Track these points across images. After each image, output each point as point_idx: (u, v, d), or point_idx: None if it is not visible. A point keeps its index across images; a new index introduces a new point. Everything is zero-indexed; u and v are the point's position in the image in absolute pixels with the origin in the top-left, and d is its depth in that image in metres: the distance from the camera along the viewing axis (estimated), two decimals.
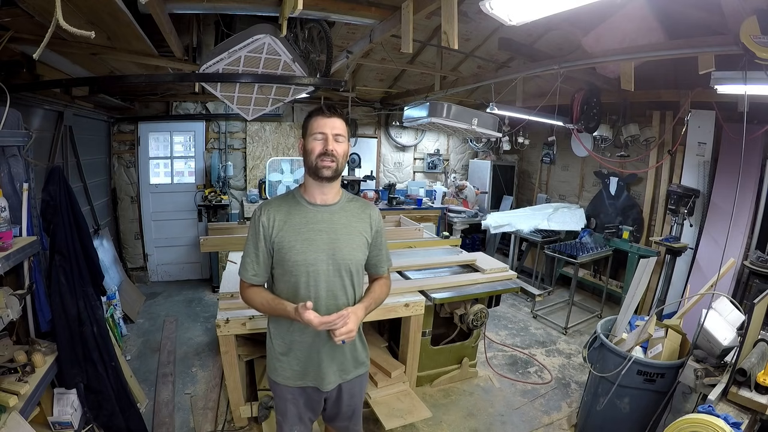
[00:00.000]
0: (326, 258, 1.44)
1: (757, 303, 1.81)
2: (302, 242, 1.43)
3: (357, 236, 1.51)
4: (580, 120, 3.76)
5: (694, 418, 1.53)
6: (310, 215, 1.47)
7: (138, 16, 1.97)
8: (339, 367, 1.55)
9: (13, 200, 1.88)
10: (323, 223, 1.47)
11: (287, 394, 1.57)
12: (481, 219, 5.43)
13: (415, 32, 2.29)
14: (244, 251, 1.52)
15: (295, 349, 1.51)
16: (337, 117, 1.44)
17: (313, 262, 1.43)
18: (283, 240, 1.44)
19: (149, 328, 3.85)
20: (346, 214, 1.51)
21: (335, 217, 1.49)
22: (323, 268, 1.44)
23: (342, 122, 1.45)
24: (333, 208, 1.50)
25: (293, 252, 1.43)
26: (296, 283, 1.45)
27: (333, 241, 1.46)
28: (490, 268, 3.12)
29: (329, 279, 1.46)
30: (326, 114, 1.43)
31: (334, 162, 1.42)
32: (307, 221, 1.46)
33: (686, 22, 2.54)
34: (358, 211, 1.55)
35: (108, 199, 4.65)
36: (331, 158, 1.41)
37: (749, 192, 3.55)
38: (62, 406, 2.08)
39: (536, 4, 1.56)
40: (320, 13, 2.24)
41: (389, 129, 6.09)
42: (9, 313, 1.74)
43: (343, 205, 1.53)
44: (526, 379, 3.28)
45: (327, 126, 1.42)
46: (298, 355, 1.52)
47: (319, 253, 1.44)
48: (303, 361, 1.52)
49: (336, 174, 1.45)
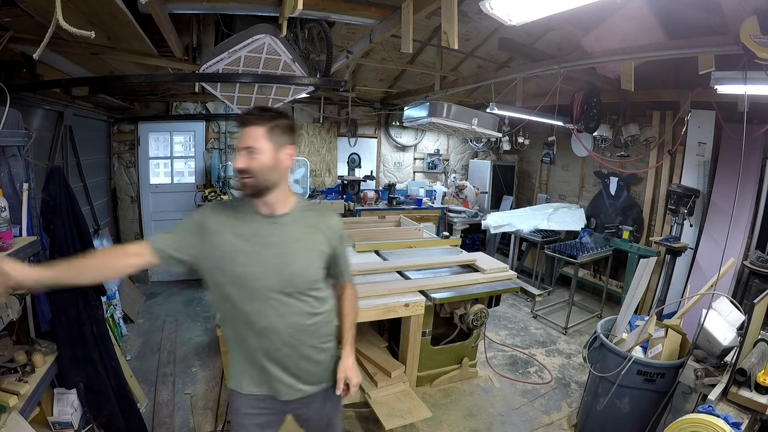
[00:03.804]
0: (273, 274, 1.30)
1: (757, 303, 1.81)
2: (246, 255, 1.29)
3: (311, 250, 1.36)
4: (580, 120, 3.76)
5: (694, 418, 1.53)
6: (257, 226, 1.32)
7: (138, 16, 1.97)
8: (296, 377, 1.41)
9: (13, 200, 1.88)
10: (271, 236, 1.32)
11: (240, 404, 1.45)
12: (481, 219, 5.43)
13: (415, 32, 2.29)
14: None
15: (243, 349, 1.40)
16: (252, 126, 1.25)
17: (257, 277, 1.29)
18: (225, 248, 1.29)
19: (149, 328, 3.85)
20: (299, 226, 1.36)
21: (286, 230, 1.34)
22: (268, 284, 1.29)
23: (259, 128, 1.24)
24: (283, 219, 1.35)
25: (235, 263, 1.29)
26: (238, 298, 1.30)
27: (282, 256, 1.31)
28: (490, 268, 3.12)
29: (276, 296, 1.31)
30: (239, 124, 1.28)
31: (250, 178, 1.25)
32: (254, 233, 1.31)
33: (686, 22, 2.54)
34: (314, 221, 1.40)
35: (108, 199, 4.65)
36: (246, 175, 1.25)
37: (749, 192, 3.55)
38: (62, 406, 2.08)
39: (536, 4, 1.56)
40: (320, 13, 2.24)
41: (389, 129, 6.09)
42: (9, 313, 1.74)
43: (296, 216, 1.37)
44: (526, 379, 3.28)
45: (241, 139, 1.26)
46: (247, 356, 1.40)
47: (264, 268, 1.29)
48: (254, 365, 1.40)
49: (256, 190, 1.28)
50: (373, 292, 2.64)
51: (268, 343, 1.34)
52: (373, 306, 2.54)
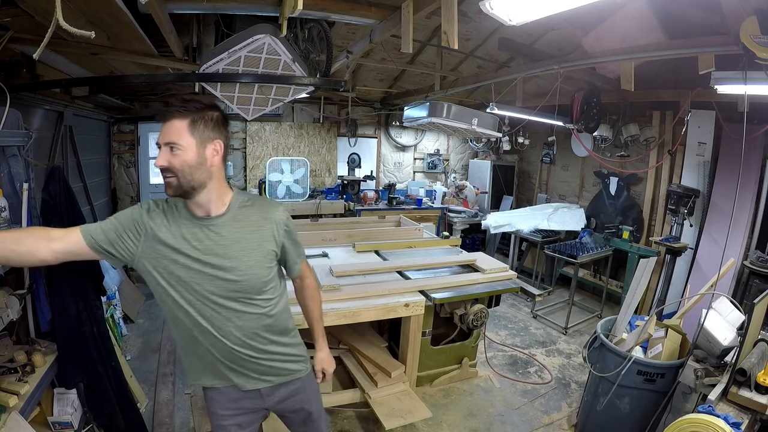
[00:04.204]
0: (215, 280, 1.23)
1: (757, 303, 1.81)
2: (186, 258, 1.21)
3: (254, 251, 1.28)
4: (580, 120, 3.76)
5: (694, 418, 1.53)
6: (194, 230, 1.24)
7: (138, 16, 1.97)
8: (257, 373, 1.38)
9: (13, 200, 1.88)
10: (208, 240, 1.23)
11: (212, 403, 1.42)
12: (481, 219, 5.43)
13: (415, 32, 2.29)
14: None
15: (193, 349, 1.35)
16: (175, 119, 1.16)
17: (199, 282, 1.22)
18: (164, 250, 1.21)
19: (149, 328, 3.85)
20: (238, 226, 1.27)
21: (224, 232, 1.25)
22: (211, 290, 1.24)
23: (183, 123, 1.16)
24: (219, 221, 1.26)
25: (177, 267, 1.22)
26: (183, 303, 1.24)
27: (223, 261, 1.23)
28: (490, 268, 3.12)
29: (222, 302, 1.25)
30: (160, 118, 1.19)
31: (173, 177, 1.16)
32: (192, 237, 1.23)
33: (686, 22, 2.54)
34: (256, 217, 1.31)
35: (108, 199, 4.65)
36: (168, 173, 1.17)
37: (749, 192, 3.55)
38: (62, 406, 2.08)
39: (536, 4, 1.56)
40: (320, 13, 2.24)
41: (389, 129, 6.10)
42: (9, 313, 1.74)
43: (235, 215, 1.28)
44: (526, 379, 3.28)
45: (161, 134, 1.17)
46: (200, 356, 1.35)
47: (205, 274, 1.23)
48: (210, 366, 1.35)
49: (184, 190, 1.18)
50: (373, 292, 2.64)
51: (221, 346, 1.29)
52: (373, 306, 2.54)
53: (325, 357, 1.61)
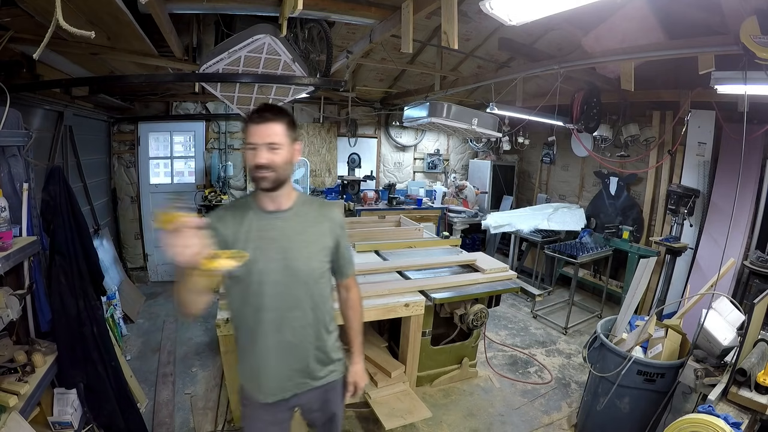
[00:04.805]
0: (278, 268, 1.35)
1: (757, 303, 1.81)
2: (253, 250, 1.30)
3: (313, 244, 1.41)
4: (580, 120, 3.76)
5: (694, 418, 1.53)
6: (263, 223, 1.37)
7: (138, 16, 1.97)
8: (292, 374, 1.44)
9: (13, 200, 1.88)
10: (275, 230, 1.37)
11: (251, 412, 1.50)
12: (481, 219, 5.43)
13: (415, 32, 2.29)
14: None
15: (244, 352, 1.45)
16: (272, 122, 1.29)
17: (264, 271, 1.33)
18: (234, 247, 1.31)
19: (149, 328, 3.85)
20: (300, 220, 1.41)
21: (288, 225, 1.39)
22: (274, 278, 1.34)
23: (280, 126, 1.30)
24: (285, 214, 1.40)
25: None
26: (246, 292, 1.35)
27: (286, 249, 1.36)
28: (490, 268, 3.12)
29: (282, 289, 1.36)
30: (257, 121, 1.30)
31: (272, 173, 1.30)
32: (259, 229, 1.36)
33: (686, 22, 2.54)
34: (315, 213, 1.44)
35: (108, 199, 4.65)
36: (267, 170, 1.30)
37: (749, 192, 3.55)
38: (62, 406, 2.08)
39: (536, 4, 1.56)
40: (320, 13, 2.24)
41: (389, 129, 6.09)
42: (9, 313, 1.74)
43: (297, 210, 1.42)
44: (526, 379, 3.28)
45: (258, 135, 1.29)
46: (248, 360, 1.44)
47: (270, 263, 1.34)
48: (265, 362, 1.42)
49: (276, 184, 1.33)
50: (373, 292, 2.64)
51: (279, 337, 1.38)
52: (374, 306, 2.54)
53: (360, 371, 1.61)
